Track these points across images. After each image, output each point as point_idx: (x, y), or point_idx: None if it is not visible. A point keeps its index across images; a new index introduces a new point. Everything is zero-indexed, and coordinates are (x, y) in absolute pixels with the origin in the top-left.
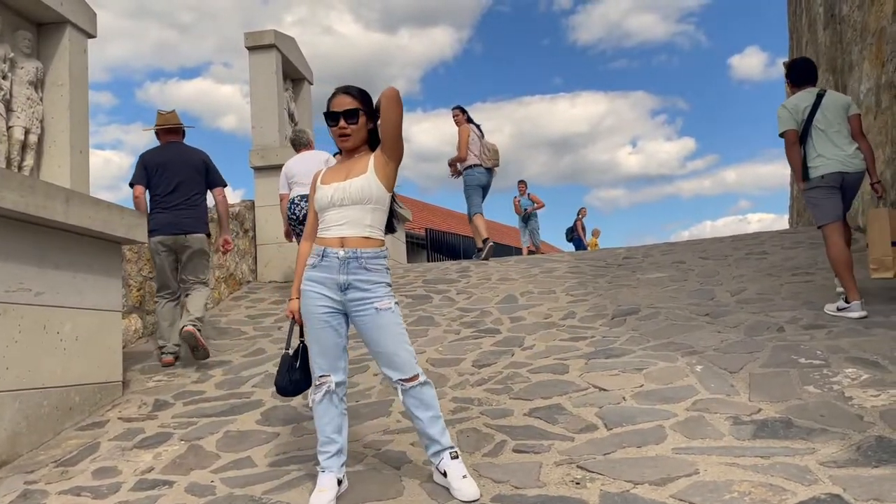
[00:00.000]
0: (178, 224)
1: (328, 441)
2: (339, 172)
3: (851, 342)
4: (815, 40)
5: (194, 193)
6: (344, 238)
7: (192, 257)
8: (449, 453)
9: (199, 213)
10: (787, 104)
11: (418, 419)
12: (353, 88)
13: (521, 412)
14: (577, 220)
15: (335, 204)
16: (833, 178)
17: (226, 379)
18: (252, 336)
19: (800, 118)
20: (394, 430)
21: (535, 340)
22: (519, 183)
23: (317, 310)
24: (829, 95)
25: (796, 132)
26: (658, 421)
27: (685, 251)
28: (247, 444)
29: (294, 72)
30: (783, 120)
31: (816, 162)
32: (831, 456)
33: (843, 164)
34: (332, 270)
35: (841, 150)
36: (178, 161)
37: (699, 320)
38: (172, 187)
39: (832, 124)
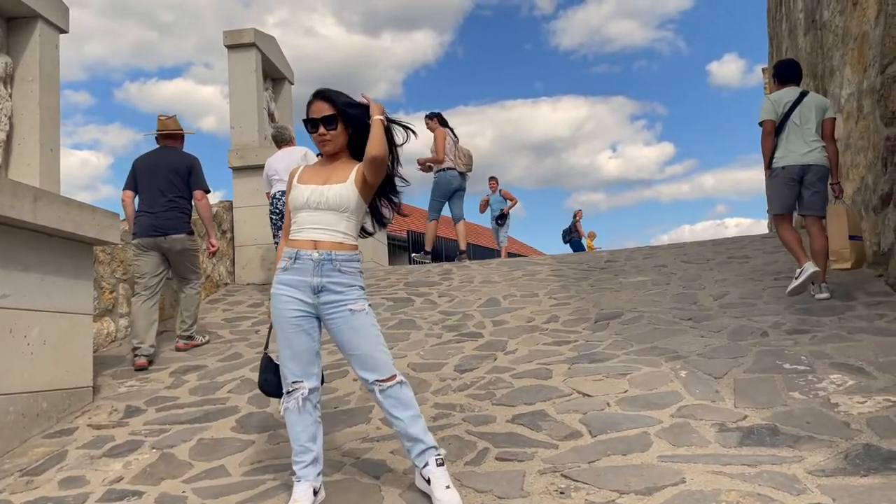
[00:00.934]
0: (157, 226)
1: (303, 450)
2: (319, 175)
3: (835, 348)
4: (796, 46)
5: (176, 196)
6: (317, 241)
7: (175, 258)
8: (435, 459)
9: (180, 215)
10: (772, 97)
11: (398, 419)
12: (329, 92)
13: (503, 419)
14: (574, 221)
15: (310, 206)
16: (793, 170)
17: (200, 384)
18: (228, 340)
19: (780, 111)
20: (373, 437)
21: (518, 345)
22: (490, 179)
23: (289, 313)
24: (811, 96)
25: (774, 123)
26: (643, 427)
27: (667, 255)
28: (221, 452)
29: (274, 71)
30: (765, 110)
31: (782, 153)
32: (819, 464)
33: (804, 157)
34: (306, 273)
35: (807, 146)
36: (163, 166)
37: (682, 325)
38: (155, 191)
39: (808, 121)
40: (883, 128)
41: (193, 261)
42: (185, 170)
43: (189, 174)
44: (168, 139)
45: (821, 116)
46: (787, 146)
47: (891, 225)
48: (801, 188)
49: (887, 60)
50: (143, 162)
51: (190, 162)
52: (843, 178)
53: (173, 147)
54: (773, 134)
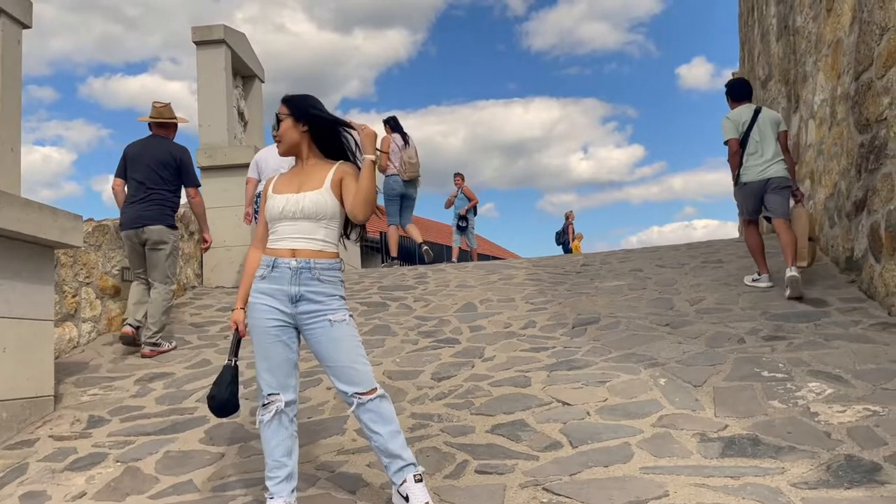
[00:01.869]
0: (137, 218)
1: (277, 465)
2: (293, 182)
3: (812, 355)
4: (768, 51)
5: (160, 188)
6: (295, 249)
7: (150, 249)
8: (413, 475)
9: (161, 206)
10: (731, 116)
11: (377, 434)
12: (289, 95)
13: (483, 429)
14: (566, 224)
15: (286, 217)
16: (757, 184)
17: (167, 393)
18: (196, 346)
19: (741, 129)
20: (349, 449)
21: (496, 351)
22: (455, 176)
23: (266, 323)
24: (764, 112)
25: (738, 140)
26: (624, 438)
27: (642, 259)
28: (189, 465)
29: (244, 69)
30: (727, 130)
31: (745, 170)
32: (802, 476)
33: (764, 173)
34: (284, 281)
35: (767, 161)
36: (151, 156)
37: (660, 330)
38: (139, 181)
39: (766, 137)
40: (857, 134)
41: (168, 259)
42: (174, 162)
43: (178, 168)
44: (160, 128)
45: (776, 130)
46: (749, 164)
47: (864, 231)
48: (765, 195)
49: (862, 67)
50: (132, 149)
51: (179, 155)
52: (816, 183)
53: (164, 136)
54: (739, 150)
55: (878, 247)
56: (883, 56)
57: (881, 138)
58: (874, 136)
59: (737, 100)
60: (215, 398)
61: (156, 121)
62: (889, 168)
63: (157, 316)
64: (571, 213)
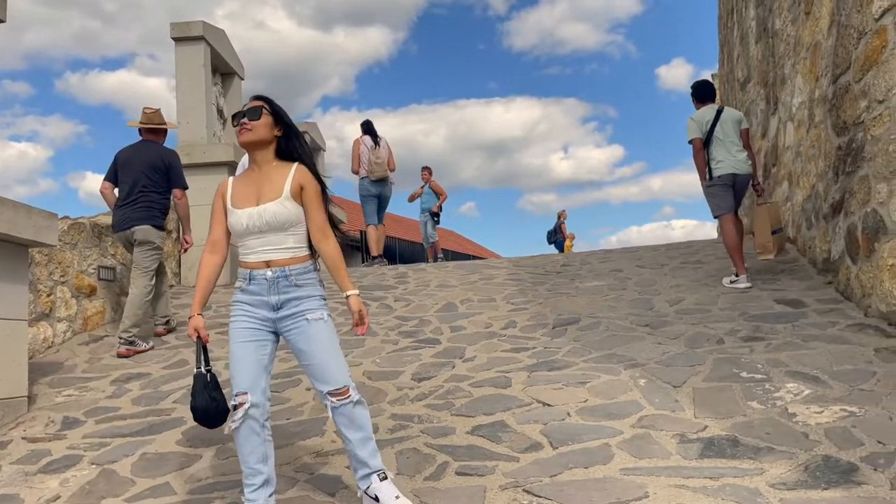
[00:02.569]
0: (125, 220)
1: (252, 472)
2: (249, 190)
3: (790, 356)
4: (747, 53)
5: (149, 191)
6: (269, 260)
7: (137, 247)
8: (377, 475)
9: (149, 208)
10: (695, 117)
11: (348, 440)
12: (261, 95)
13: (463, 430)
14: (558, 223)
15: (252, 232)
16: (728, 178)
17: (144, 394)
18: (174, 346)
19: (704, 129)
20: (328, 451)
21: (476, 351)
22: (423, 170)
23: (241, 324)
24: (727, 111)
25: (702, 140)
26: (604, 439)
27: (622, 259)
28: (165, 468)
29: (224, 65)
30: (691, 129)
31: (716, 164)
32: (780, 477)
33: (735, 167)
34: (263, 292)
35: (734, 156)
36: (140, 160)
37: (639, 331)
38: (129, 185)
39: (728, 135)
40: (835, 137)
41: (149, 256)
42: (163, 165)
43: (167, 170)
44: (150, 133)
45: (738, 127)
46: (719, 158)
47: (841, 233)
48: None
49: (840, 70)
50: (123, 154)
51: (168, 158)
52: (794, 185)
53: (154, 141)
54: (703, 149)
55: (854, 248)
56: (860, 59)
57: (858, 141)
58: (851, 138)
59: (701, 101)
60: (196, 409)
61: (145, 126)
62: (866, 171)
63: (131, 311)
64: (564, 213)
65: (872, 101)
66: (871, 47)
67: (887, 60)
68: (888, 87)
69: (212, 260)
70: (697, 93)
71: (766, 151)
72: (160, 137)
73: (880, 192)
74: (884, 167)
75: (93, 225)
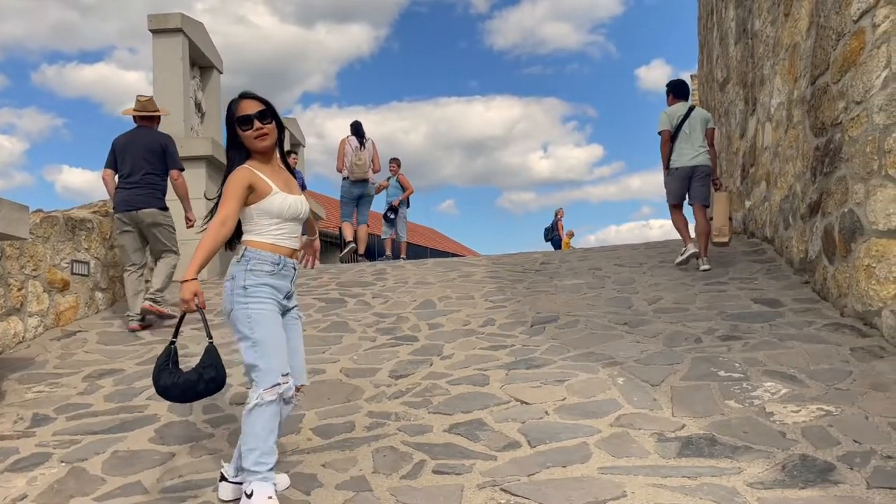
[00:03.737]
0: (129, 201)
1: (270, 451)
2: (281, 182)
3: (768, 355)
4: (726, 54)
5: (149, 173)
6: (294, 250)
7: (148, 230)
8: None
9: (152, 191)
10: (668, 111)
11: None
12: (255, 94)
13: (440, 428)
14: (555, 220)
15: (294, 218)
16: (687, 170)
17: (116, 390)
18: (148, 341)
19: (674, 123)
20: (304, 449)
21: (454, 349)
22: (391, 162)
23: (273, 306)
24: (697, 110)
25: (670, 132)
26: (582, 437)
27: (600, 258)
28: (137, 466)
29: (202, 59)
30: (662, 122)
31: (676, 157)
32: (758, 476)
33: (693, 160)
34: (287, 279)
35: (695, 150)
36: (138, 145)
37: (618, 329)
38: (129, 168)
39: (695, 131)
40: (813, 137)
41: (167, 235)
42: (160, 149)
43: (164, 153)
44: (144, 120)
45: (704, 126)
46: (680, 152)
47: (818, 233)
48: (690, 183)
49: (818, 72)
50: (120, 141)
51: (164, 142)
52: (772, 185)
53: (149, 127)
54: (670, 141)
55: (831, 249)
56: (839, 61)
57: (836, 142)
58: (829, 139)
59: (676, 97)
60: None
61: (139, 113)
62: (844, 171)
63: (161, 277)
64: (561, 210)
65: (850, 103)
66: (849, 49)
67: (865, 62)
68: (866, 88)
69: (221, 232)
70: (674, 89)
71: (744, 152)
72: (154, 123)
73: (857, 192)
74: (861, 168)
75: (66, 218)
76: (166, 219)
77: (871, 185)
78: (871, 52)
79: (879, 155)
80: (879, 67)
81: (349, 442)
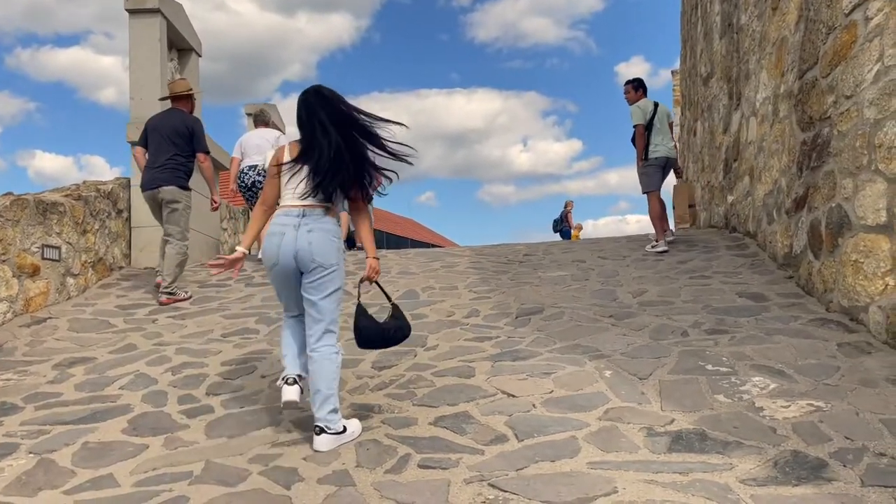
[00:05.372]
0: (153, 180)
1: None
2: None
3: (755, 349)
4: (711, 49)
5: (175, 154)
6: None
7: (165, 207)
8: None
9: (174, 170)
10: (640, 105)
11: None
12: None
13: (426, 421)
14: (564, 212)
15: None
16: (661, 160)
17: (88, 379)
18: (122, 329)
19: (647, 116)
20: (284, 441)
21: (439, 340)
22: None
23: None
24: (661, 105)
25: (644, 125)
26: (571, 431)
27: (584, 250)
28: (109, 458)
29: (181, 41)
30: (637, 115)
31: (654, 148)
32: (750, 473)
33: (668, 152)
34: None
35: (667, 143)
36: (166, 126)
37: (604, 322)
38: (156, 148)
39: (663, 124)
40: (799, 132)
41: (178, 218)
42: (187, 131)
43: (191, 135)
44: (177, 101)
45: (668, 120)
46: (656, 143)
47: (804, 228)
48: (663, 172)
49: (807, 66)
50: (152, 121)
51: (191, 124)
52: (756, 180)
53: (180, 109)
54: (645, 134)
55: (817, 244)
56: (829, 55)
57: (824, 136)
58: (817, 133)
59: (643, 93)
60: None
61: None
62: (832, 166)
63: (171, 268)
64: (570, 203)
65: (840, 97)
66: (840, 42)
67: (857, 56)
68: (857, 82)
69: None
70: (641, 85)
71: (727, 147)
72: (187, 104)
73: (846, 187)
74: (850, 162)
75: (37, 202)
76: (185, 199)
77: (861, 179)
78: (862, 45)
79: (869, 149)
80: (871, 61)
81: None
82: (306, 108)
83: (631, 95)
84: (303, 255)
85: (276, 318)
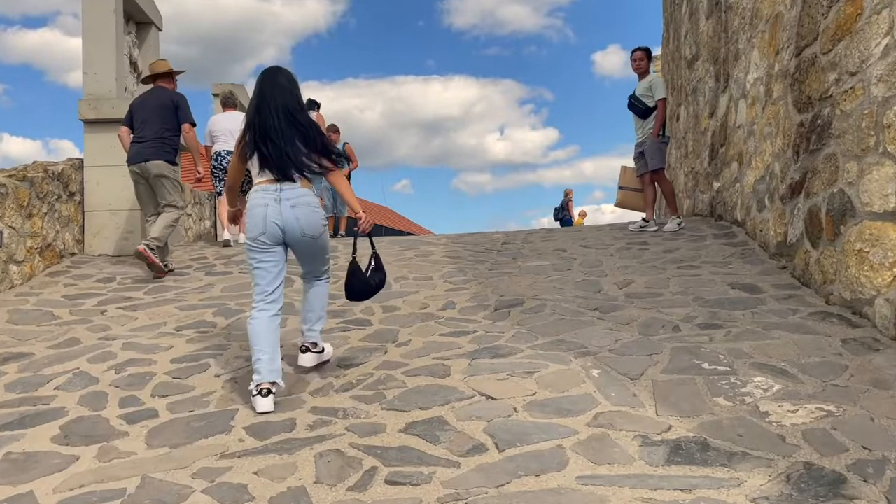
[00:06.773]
0: (139, 154)
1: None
2: None
3: (753, 346)
4: (696, 30)
5: (160, 129)
6: None
7: (155, 181)
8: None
9: (161, 144)
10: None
11: None
12: None
13: (395, 427)
14: (565, 200)
15: None
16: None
17: (21, 378)
18: (66, 321)
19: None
20: (234, 452)
21: (411, 335)
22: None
23: None
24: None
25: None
26: (557, 440)
27: (565, 238)
28: (33, 471)
29: (139, 13)
30: (664, 88)
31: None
32: (761, 490)
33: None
34: None
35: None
36: (151, 103)
37: (588, 315)
38: (142, 124)
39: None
40: (796, 113)
41: (171, 188)
42: (172, 105)
43: (176, 109)
44: (159, 79)
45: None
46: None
47: (801, 215)
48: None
49: (805, 42)
50: (136, 100)
51: (175, 98)
52: (745, 165)
53: (163, 87)
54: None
55: (816, 232)
56: (831, 29)
57: (825, 117)
58: (816, 114)
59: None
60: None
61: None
62: (833, 148)
63: (160, 227)
64: (570, 191)
65: (843, 74)
66: (843, 15)
67: (862, 29)
68: (863, 58)
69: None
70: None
71: (713, 131)
72: (169, 82)
73: (849, 171)
74: (855, 144)
75: None
76: (173, 172)
77: (867, 162)
78: (869, 17)
79: (877, 130)
80: (879, 35)
81: (288, 444)
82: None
83: (644, 64)
84: (291, 230)
85: (237, 310)
